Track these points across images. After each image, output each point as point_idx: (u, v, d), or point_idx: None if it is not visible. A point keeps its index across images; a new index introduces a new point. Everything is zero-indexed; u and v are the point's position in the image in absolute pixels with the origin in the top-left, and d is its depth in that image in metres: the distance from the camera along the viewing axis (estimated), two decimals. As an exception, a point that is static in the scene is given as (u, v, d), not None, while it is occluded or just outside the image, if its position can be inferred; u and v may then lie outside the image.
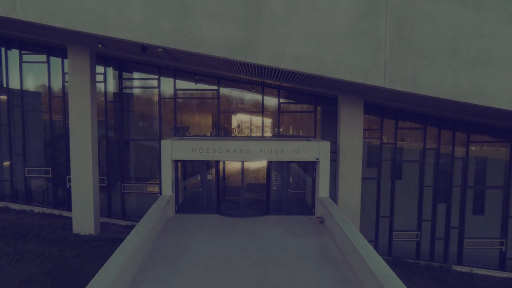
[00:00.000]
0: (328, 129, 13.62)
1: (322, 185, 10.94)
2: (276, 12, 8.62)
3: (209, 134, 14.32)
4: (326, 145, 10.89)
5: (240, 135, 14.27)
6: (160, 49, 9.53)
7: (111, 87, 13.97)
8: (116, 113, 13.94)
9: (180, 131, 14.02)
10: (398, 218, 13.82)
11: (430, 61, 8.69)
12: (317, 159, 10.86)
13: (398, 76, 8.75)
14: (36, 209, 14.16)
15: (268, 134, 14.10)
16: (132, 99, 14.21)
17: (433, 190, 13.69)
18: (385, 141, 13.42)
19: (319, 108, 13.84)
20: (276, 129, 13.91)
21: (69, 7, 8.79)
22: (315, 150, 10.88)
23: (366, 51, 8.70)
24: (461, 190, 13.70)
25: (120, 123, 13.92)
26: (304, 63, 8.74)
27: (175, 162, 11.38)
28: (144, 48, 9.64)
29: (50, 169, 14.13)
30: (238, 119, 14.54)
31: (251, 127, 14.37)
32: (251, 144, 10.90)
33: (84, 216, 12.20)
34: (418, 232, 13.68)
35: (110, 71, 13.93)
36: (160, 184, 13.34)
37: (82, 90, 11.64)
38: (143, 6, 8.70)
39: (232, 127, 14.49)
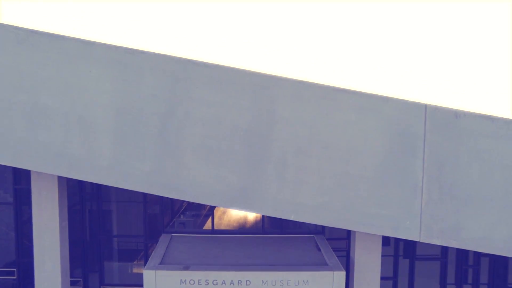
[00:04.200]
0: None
1: (336, 320, 9.19)
2: (286, 150, 6.77)
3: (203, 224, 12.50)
4: (340, 276, 9.12)
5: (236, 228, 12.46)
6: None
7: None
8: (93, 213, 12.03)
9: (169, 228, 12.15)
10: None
11: (477, 211, 6.96)
12: (330, 292, 9.11)
13: (437, 229, 7.00)
14: (-2, 318, 12.22)
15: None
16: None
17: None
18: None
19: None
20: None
21: (17, 142, 6.82)
22: (327, 281, 9.11)
23: (398, 198, 6.92)
24: (487, 289, 12.13)
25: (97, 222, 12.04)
26: (320, 214, 6.93)
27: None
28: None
29: (15, 269, 12.18)
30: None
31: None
32: (251, 274, 9.09)
33: None
34: None
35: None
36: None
37: (49, 226, 9.55)
38: (115, 142, 6.78)
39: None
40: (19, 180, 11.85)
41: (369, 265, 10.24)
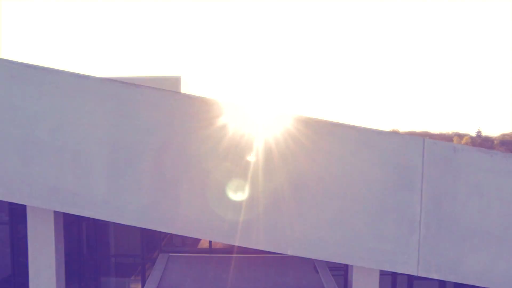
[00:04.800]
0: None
1: None
2: (283, 185, 6.68)
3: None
4: (338, 303, 9.06)
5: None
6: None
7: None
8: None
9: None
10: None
11: (475, 245, 6.89)
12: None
13: (435, 263, 6.93)
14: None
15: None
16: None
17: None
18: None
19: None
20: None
21: (11, 176, 6.74)
22: (325, 308, 9.04)
23: (396, 233, 6.84)
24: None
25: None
26: (317, 249, 6.85)
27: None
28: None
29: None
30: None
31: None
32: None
33: None
34: None
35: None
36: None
37: (45, 249, 9.43)
38: (110, 177, 6.70)
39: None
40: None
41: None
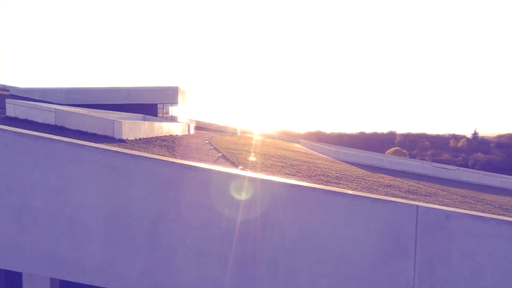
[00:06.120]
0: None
1: None
2: (277, 252, 6.72)
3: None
4: None
5: None
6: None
7: None
8: None
9: None
10: None
11: (468, 308, 6.97)
12: None
13: (429, 326, 7.00)
14: None
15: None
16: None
17: None
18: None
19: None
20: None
21: (4, 244, 6.74)
22: None
23: (390, 298, 6.92)
24: None
25: None
26: (312, 314, 6.91)
27: None
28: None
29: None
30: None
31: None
32: None
33: None
34: None
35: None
36: None
37: None
38: (105, 245, 6.71)
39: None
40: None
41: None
